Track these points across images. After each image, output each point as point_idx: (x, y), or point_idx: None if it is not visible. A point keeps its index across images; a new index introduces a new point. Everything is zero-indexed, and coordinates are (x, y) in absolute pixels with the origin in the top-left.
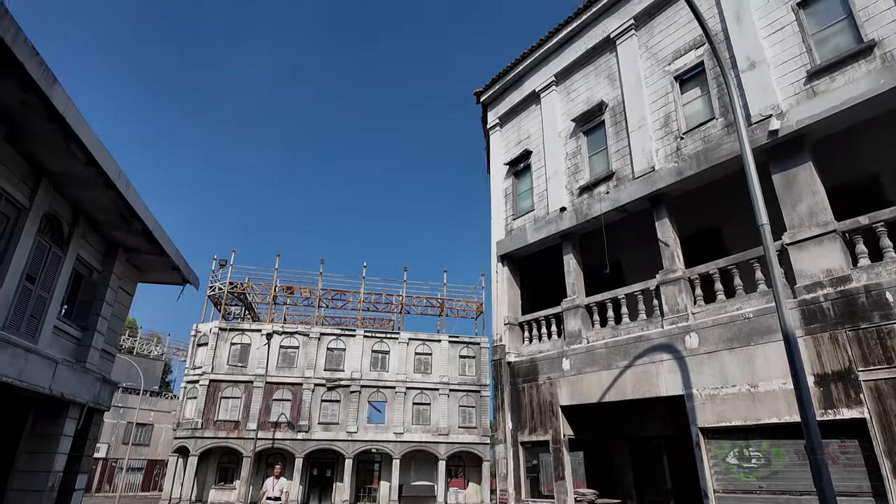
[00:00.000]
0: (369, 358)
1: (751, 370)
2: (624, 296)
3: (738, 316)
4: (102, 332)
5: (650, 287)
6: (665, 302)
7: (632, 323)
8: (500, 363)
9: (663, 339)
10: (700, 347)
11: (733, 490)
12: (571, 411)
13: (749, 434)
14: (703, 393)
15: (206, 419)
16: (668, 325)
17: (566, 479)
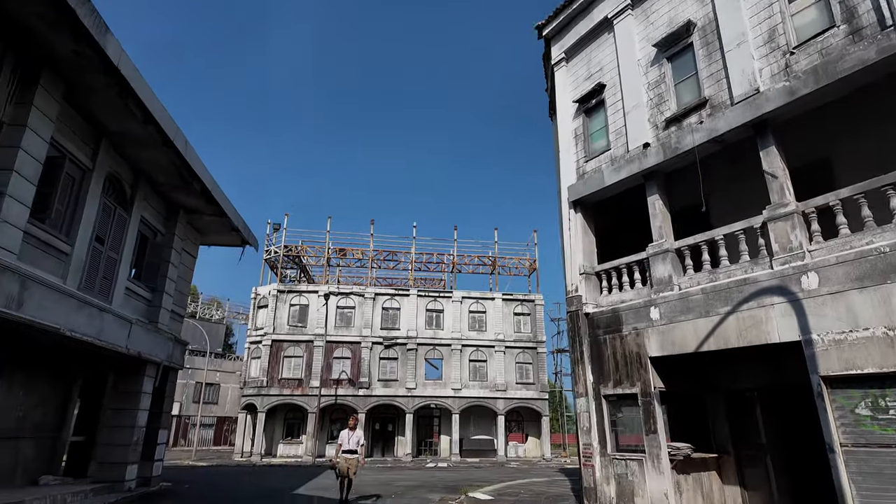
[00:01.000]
0: (424, 317)
1: (888, 311)
2: (723, 236)
3: (870, 251)
4: (170, 293)
5: (754, 225)
6: (775, 240)
7: (732, 266)
8: (576, 315)
9: (773, 280)
10: (821, 288)
11: (865, 444)
12: (661, 363)
13: (886, 382)
14: (826, 338)
15: (270, 378)
16: (780, 265)
17: (658, 432)
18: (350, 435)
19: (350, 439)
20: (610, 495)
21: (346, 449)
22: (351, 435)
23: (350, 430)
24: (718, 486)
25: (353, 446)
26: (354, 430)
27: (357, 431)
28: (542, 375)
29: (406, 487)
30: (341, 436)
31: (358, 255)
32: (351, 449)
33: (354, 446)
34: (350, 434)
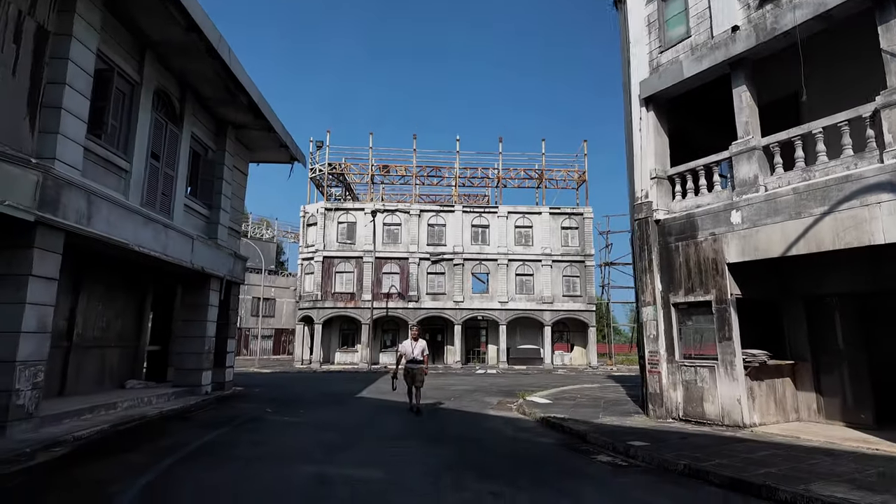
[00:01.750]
0: (469, 232)
1: None
2: (821, 129)
3: None
4: (226, 209)
5: (863, 115)
6: (888, 130)
7: (832, 161)
8: (645, 222)
9: (883, 176)
10: None
11: None
12: (738, 269)
13: None
14: None
15: (324, 292)
16: (893, 158)
17: (733, 339)
18: (414, 345)
19: (414, 349)
20: (676, 401)
21: (410, 359)
22: (415, 345)
23: (413, 339)
24: (792, 393)
25: (418, 355)
26: (418, 339)
27: (420, 341)
28: (590, 288)
29: (462, 392)
30: (403, 346)
31: (401, 172)
32: (416, 359)
33: (419, 355)
34: (414, 344)
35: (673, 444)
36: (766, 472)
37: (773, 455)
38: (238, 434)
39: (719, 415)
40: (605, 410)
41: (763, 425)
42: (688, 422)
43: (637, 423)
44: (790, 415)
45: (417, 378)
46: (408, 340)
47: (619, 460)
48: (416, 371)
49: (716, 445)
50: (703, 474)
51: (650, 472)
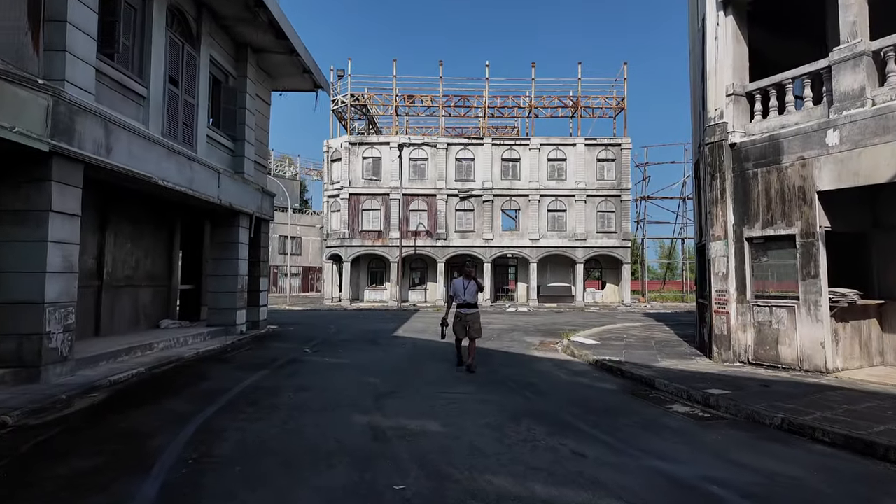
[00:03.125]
0: (499, 167)
1: None
2: None
3: None
4: (251, 142)
5: None
6: None
7: None
8: (719, 146)
9: None
10: None
11: None
12: (827, 198)
13: None
14: None
15: (351, 230)
16: None
17: (819, 277)
18: (466, 284)
19: (467, 289)
20: (746, 343)
21: (462, 301)
22: (468, 284)
23: (465, 278)
24: (878, 335)
25: (470, 298)
26: (471, 278)
27: (473, 282)
28: (626, 224)
29: (500, 331)
30: (454, 286)
31: (427, 102)
32: (467, 302)
33: (472, 298)
34: (466, 283)
35: (754, 393)
36: (885, 430)
37: (878, 407)
38: (279, 378)
39: (797, 359)
40: (661, 353)
41: (846, 370)
42: (759, 366)
43: (703, 368)
44: (874, 359)
45: (472, 326)
46: (459, 279)
47: (698, 411)
48: (471, 318)
49: (805, 395)
50: (807, 430)
51: (739, 425)
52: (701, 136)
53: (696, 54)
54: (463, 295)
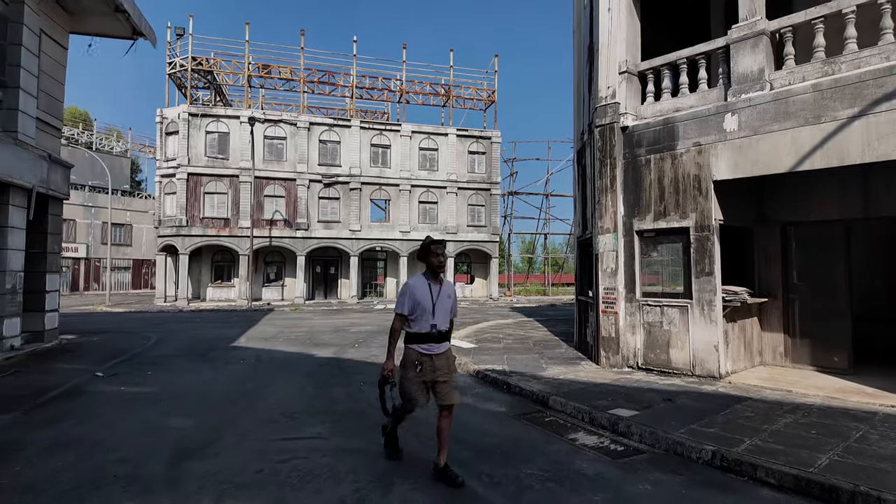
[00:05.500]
0: (368, 152)
1: None
2: (854, 8)
3: None
4: (31, 92)
5: None
6: None
7: (866, 51)
8: (610, 129)
9: None
10: None
11: None
12: (721, 189)
13: None
14: None
15: (190, 217)
16: None
17: (714, 274)
18: (437, 288)
19: (438, 299)
20: (636, 346)
21: (427, 330)
22: (440, 289)
23: (432, 275)
24: (758, 334)
25: (445, 321)
26: (440, 278)
27: (447, 283)
28: (495, 218)
29: (366, 334)
30: (410, 292)
31: (286, 75)
32: (439, 329)
33: (446, 320)
34: (436, 286)
35: (662, 411)
36: (831, 462)
37: (799, 425)
38: (30, 426)
39: (689, 363)
40: (544, 357)
41: (735, 373)
42: (650, 371)
43: (593, 376)
44: (755, 358)
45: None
46: (418, 279)
47: (608, 441)
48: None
49: (715, 411)
50: (747, 468)
51: (663, 463)
52: (586, 121)
53: (583, 33)
54: (431, 312)
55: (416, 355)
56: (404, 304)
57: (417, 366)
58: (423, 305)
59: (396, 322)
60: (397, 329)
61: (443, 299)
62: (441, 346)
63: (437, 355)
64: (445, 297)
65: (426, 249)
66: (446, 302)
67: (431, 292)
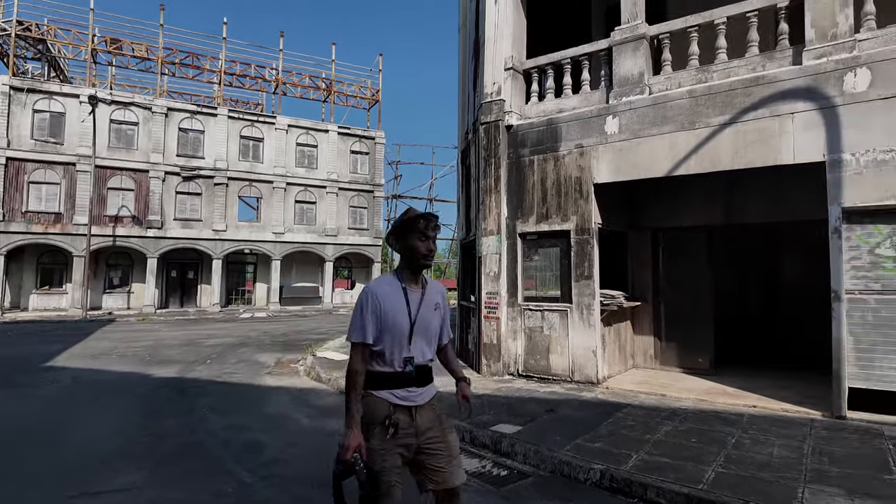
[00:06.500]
0: (238, 145)
1: None
2: (725, 19)
3: None
4: None
5: (779, 4)
6: (810, 24)
7: (735, 61)
8: (495, 127)
9: (800, 80)
10: (872, 90)
11: (880, 290)
12: (600, 193)
13: None
14: (864, 158)
15: (10, 209)
16: (814, 59)
17: (593, 278)
18: (414, 299)
19: (418, 317)
20: (516, 352)
21: (403, 365)
22: (419, 300)
23: (409, 278)
24: (631, 337)
25: (426, 350)
26: (422, 278)
27: (433, 286)
28: (378, 221)
29: (223, 347)
30: (376, 302)
31: (141, 53)
32: (421, 363)
33: (429, 349)
34: (411, 294)
35: (545, 425)
36: (717, 475)
37: (679, 433)
38: None
39: (568, 368)
40: None
41: (611, 377)
42: (530, 378)
43: (475, 386)
44: (629, 362)
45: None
46: (383, 283)
47: (490, 464)
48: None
49: (598, 422)
50: (637, 489)
51: (550, 489)
52: (471, 119)
53: (468, 29)
54: (407, 336)
55: (386, 409)
56: (365, 325)
57: (388, 427)
58: (395, 326)
59: (356, 357)
60: (360, 371)
61: (426, 313)
62: (425, 392)
63: (419, 407)
64: (430, 310)
65: (406, 227)
66: (432, 317)
67: (409, 303)
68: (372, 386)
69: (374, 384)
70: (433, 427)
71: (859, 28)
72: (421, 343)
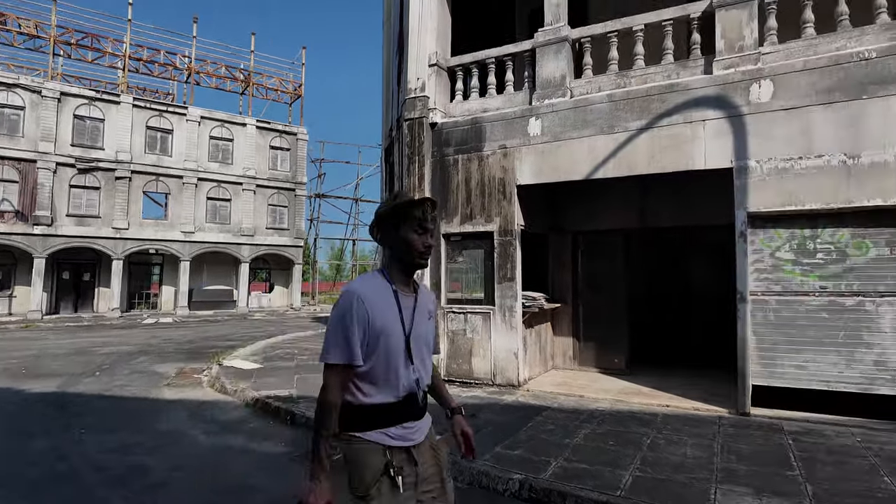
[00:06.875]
0: (143, 136)
1: (853, 135)
2: (643, 26)
3: (848, 56)
4: None
5: (692, 14)
6: (721, 35)
7: (652, 68)
8: (419, 124)
9: (713, 88)
10: (774, 101)
11: (780, 292)
12: (525, 194)
13: (823, 221)
14: (767, 166)
15: None
16: (723, 69)
17: (515, 280)
18: (407, 304)
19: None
20: (438, 357)
21: (396, 398)
22: (412, 305)
23: (400, 280)
24: (551, 339)
25: (427, 368)
26: (414, 281)
27: (424, 290)
28: (299, 220)
29: (118, 357)
30: (356, 310)
31: (29, 30)
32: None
33: (428, 367)
34: (403, 299)
35: None
36: (635, 480)
37: (598, 436)
38: None
39: (490, 371)
40: None
41: (532, 379)
42: (452, 382)
43: None
44: (548, 363)
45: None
46: (369, 283)
47: None
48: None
49: (519, 426)
50: (556, 499)
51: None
52: (395, 116)
53: (393, 23)
54: (404, 351)
55: (381, 456)
56: (350, 339)
57: (395, 475)
58: (389, 340)
59: (332, 385)
60: (335, 404)
61: (421, 323)
62: (423, 426)
63: (417, 447)
64: (424, 319)
65: (398, 215)
66: (427, 329)
67: (401, 309)
68: (356, 425)
69: (359, 422)
70: (434, 473)
71: (763, 42)
72: (420, 360)
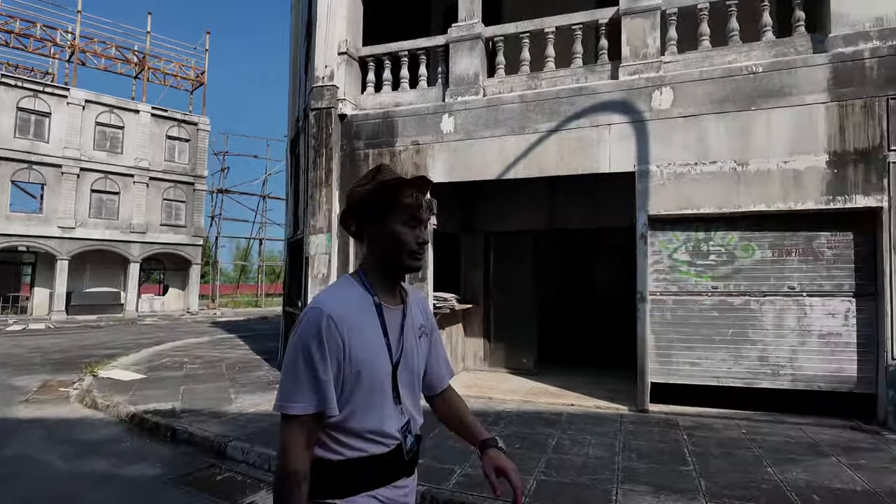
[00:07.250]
0: (14, 118)
1: (743, 143)
2: (554, 28)
3: (740, 69)
4: None
5: (600, 20)
6: (626, 42)
7: (562, 71)
8: (327, 114)
9: (618, 93)
10: (674, 108)
11: (676, 292)
12: (440, 192)
13: (716, 224)
14: (666, 171)
15: None
16: (628, 74)
17: (427, 280)
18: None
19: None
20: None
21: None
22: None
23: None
24: (462, 340)
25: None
26: (401, 289)
27: (415, 296)
28: (199, 217)
29: None
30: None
31: None
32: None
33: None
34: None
35: None
36: (539, 485)
37: (502, 436)
38: None
39: None
40: (236, 383)
41: None
42: None
43: None
44: (459, 364)
45: None
46: (342, 293)
47: None
48: None
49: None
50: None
51: None
52: (302, 105)
53: (301, 8)
54: (390, 384)
55: None
56: (318, 378)
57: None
58: (373, 374)
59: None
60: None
61: (411, 344)
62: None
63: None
64: (413, 338)
65: (382, 199)
66: (418, 352)
67: (386, 330)
68: (335, 490)
69: (339, 485)
70: None
71: (665, 51)
72: (409, 398)
